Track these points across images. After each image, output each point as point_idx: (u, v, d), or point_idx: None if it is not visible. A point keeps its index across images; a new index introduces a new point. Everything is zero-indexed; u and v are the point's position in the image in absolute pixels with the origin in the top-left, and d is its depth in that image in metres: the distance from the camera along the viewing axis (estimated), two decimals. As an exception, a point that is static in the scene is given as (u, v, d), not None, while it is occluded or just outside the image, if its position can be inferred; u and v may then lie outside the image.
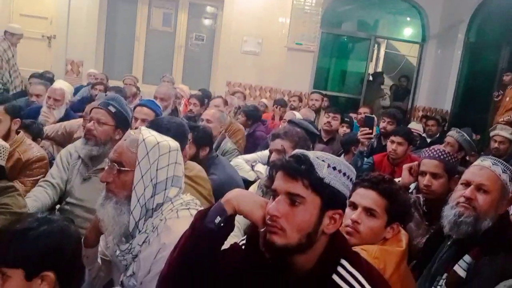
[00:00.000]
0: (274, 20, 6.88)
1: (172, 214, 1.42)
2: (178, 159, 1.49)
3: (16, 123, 2.39)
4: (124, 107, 2.31)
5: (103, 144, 2.17)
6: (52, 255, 1.16)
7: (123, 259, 1.42)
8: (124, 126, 2.26)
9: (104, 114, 2.21)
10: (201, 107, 4.45)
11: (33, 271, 1.14)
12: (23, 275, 1.14)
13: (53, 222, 1.21)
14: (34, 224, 1.18)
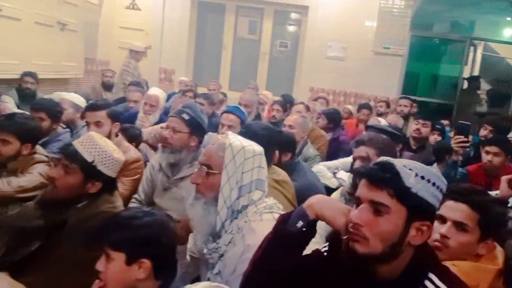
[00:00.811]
0: (359, 24, 6.74)
1: (256, 216, 1.47)
2: (262, 163, 1.54)
3: (116, 126, 2.60)
4: (198, 114, 2.36)
5: (178, 151, 2.25)
6: (151, 244, 1.26)
7: (210, 257, 1.49)
8: (198, 133, 2.33)
9: (178, 122, 2.28)
10: (283, 113, 4.50)
11: (133, 256, 1.25)
12: (124, 259, 1.25)
13: (155, 215, 1.32)
14: (139, 214, 1.30)
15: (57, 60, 5.14)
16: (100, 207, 1.72)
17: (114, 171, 1.78)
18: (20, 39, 4.35)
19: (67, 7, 5.18)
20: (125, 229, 1.26)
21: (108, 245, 1.26)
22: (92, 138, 1.76)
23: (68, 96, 3.57)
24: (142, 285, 1.27)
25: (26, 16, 4.42)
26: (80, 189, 1.70)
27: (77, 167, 1.68)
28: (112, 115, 2.56)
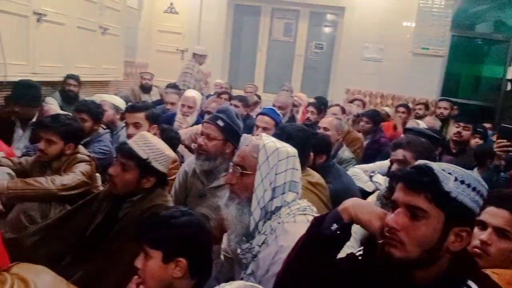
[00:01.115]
0: (397, 25, 6.60)
1: (289, 218, 1.47)
2: (296, 165, 1.54)
3: (154, 128, 2.67)
4: (233, 120, 2.31)
5: (213, 158, 2.22)
6: (188, 244, 1.29)
7: (244, 257, 1.51)
8: (233, 139, 2.27)
9: (213, 129, 2.23)
10: (318, 115, 4.47)
11: (170, 255, 1.28)
12: (162, 257, 1.28)
13: (193, 215, 1.35)
14: (177, 213, 1.33)
15: (99, 63, 5.32)
16: (154, 200, 1.83)
17: (166, 167, 1.88)
18: (64, 43, 4.54)
19: (108, 12, 5.36)
20: (163, 228, 1.29)
21: (147, 243, 1.29)
22: (146, 137, 1.87)
23: (109, 98, 3.70)
24: (178, 283, 1.30)
25: (70, 21, 4.60)
26: (136, 184, 1.81)
27: (133, 164, 1.79)
28: (151, 117, 2.62)
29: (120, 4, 5.65)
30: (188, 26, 7.23)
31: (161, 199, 1.85)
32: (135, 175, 1.80)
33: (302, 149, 1.64)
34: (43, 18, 4.10)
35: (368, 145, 4.25)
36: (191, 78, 5.80)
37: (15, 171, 2.31)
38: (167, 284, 1.30)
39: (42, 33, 4.14)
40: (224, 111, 2.33)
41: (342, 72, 6.96)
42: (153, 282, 1.29)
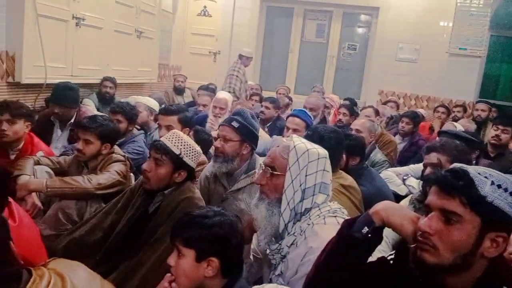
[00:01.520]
0: (433, 25, 6.43)
1: (319, 219, 1.46)
2: (326, 167, 1.53)
3: (185, 131, 2.70)
4: (248, 121, 2.29)
5: (231, 160, 2.21)
6: (220, 244, 1.30)
7: (273, 258, 1.51)
8: (250, 140, 2.26)
9: (229, 131, 2.23)
10: (350, 116, 4.42)
11: (203, 254, 1.29)
12: (194, 256, 1.30)
13: (225, 215, 1.36)
14: (210, 213, 1.35)
15: (134, 66, 5.46)
16: (185, 193, 1.91)
17: (196, 162, 1.97)
18: (102, 46, 4.69)
19: (144, 16, 5.50)
20: (196, 227, 1.31)
21: (180, 241, 1.32)
22: (177, 134, 1.96)
23: (143, 100, 3.79)
24: (210, 282, 1.32)
25: (107, 25, 4.75)
26: (169, 179, 1.91)
27: (167, 160, 1.88)
28: (183, 120, 2.66)
29: (155, 8, 5.78)
30: (221, 28, 7.31)
31: (190, 193, 1.92)
32: (169, 170, 1.89)
33: (333, 151, 1.63)
34: (82, 23, 4.25)
35: (406, 147, 4.17)
36: (236, 80, 5.79)
37: (53, 170, 2.40)
38: (199, 282, 1.32)
39: (80, 37, 4.30)
40: (239, 113, 2.34)
41: (375, 73, 6.85)
42: (185, 280, 1.31)
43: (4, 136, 2.49)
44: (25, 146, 2.58)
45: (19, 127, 2.53)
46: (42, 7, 3.73)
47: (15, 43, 3.63)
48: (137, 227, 1.91)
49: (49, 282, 1.03)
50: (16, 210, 1.62)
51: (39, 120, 3.38)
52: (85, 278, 1.16)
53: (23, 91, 3.84)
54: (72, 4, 4.11)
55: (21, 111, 2.54)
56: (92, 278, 1.20)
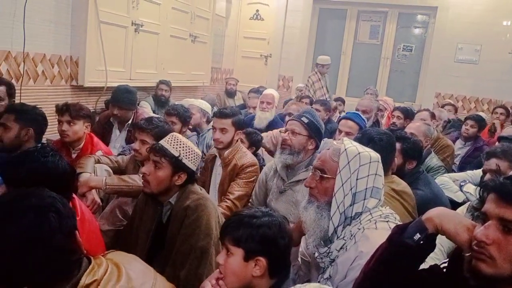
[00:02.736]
0: (495, 24, 6.10)
1: (370, 224, 1.43)
2: (379, 171, 1.50)
3: (238, 134, 2.73)
4: (316, 119, 2.43)
5: (297, 153, 2.31)
6: (268, 244, 1.32)
7: (321, 261, 1.50)
8: (317, 136, 2.38)
9: (298, 125, 2.37)
10: (405, 120, 4.29)
11: (251, 253, 1.32)
12: (242, 255, 1.33)
13: (274, 216, 1.38)
14: (259, 214, 1.37)
15: (188, 69, 5.63)
16: (189, 197, 1.91)
17: (195, 164, 1.97)
18: (158, 51, 4.88)
19: (198, 21, 5.66)
20: (245, 226, 1.34)
21: (229, 240, 1.35)
22: (176, 136, 1.97)
23: (196, 103, 3.89)
24: (257, 281, 1.34)
25: (164, 30, 4.94)
26: (169, 182, 1.90)
27: (166, 162, 1.88)
28: (237, 123, 2.69)
29: (209, 13, 5.93)
30: (273, 31, 7.35)
31: (195, 195, 1.92)
32: (168, 172, 1.88)
33: (384, 154, 1.59)
34: (140, 28, 4.45)
35: (469, 152, 3.99)
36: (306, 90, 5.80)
37: (112, 169, 2.53)
38: (246, 281, 1.34)
39: (139, 42, 4.50)
40: (308, 111, 2.47)
41: (432, 75, 6.60)
42: (233, 279, 1.34)
43: (65, 136, 2.65)
44: (85, 145, 2.73)
45: (79, 127, 2.67)
46: (104, 14, 3.94)
47: (78, 48, 3.87)
48: (157, 238, 1.96)
49: (106, 270, 1.10)
50: (79, 205, 1.72)
51: (99, 121, 3.58)
52: (140, 270, 1.21)
53: (85, 94, 4.08)
54: (131, 11, 4.31)
55: (80, 113, 2.68)
56: (147, 271, 1.26)
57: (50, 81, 3.74)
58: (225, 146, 2.68)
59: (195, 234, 1.82)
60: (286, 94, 7.26)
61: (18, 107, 2.35)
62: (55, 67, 3.77)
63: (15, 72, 3.38)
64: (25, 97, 3.28)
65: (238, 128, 2.71)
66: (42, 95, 3.62)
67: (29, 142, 2.40)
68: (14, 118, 2.30)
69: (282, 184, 2.36)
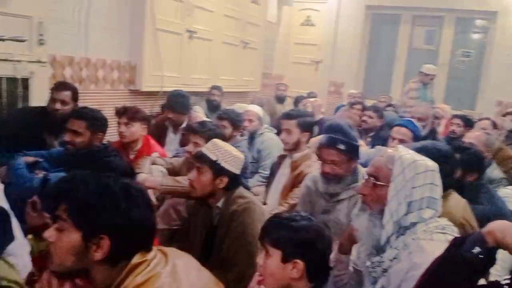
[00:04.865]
0: None
1: (426, 235, 1.38)
2: (436, 181, 1.45)
3: (305, 136, 2.70)
4: (350, 135, 2.16)
5: (344, 178, 2.13)
6: (305, 247, 1.34)
7: (373, 271, 1.47)
8: (355, 154, 2.16)
9: (337, 155, 2.11)
10: (465, 128, 4.10)
11: (288, 255, 1.34)
12: (280, 257, 1.35)
13: (312, 221, 1.41)
14: (298, 217, 1.41)
15: (240, 75, 5.72)
16: (237, 200, 1.96)
17: (237, 168, 2.01)
18: (211, 57, 5.00)
19: (250, 28, 5.74)
20: (283, 229, 1.37)
21: (268, 241, 1.38)
22: (215, 142, 2.05)
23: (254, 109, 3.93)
24: (295, 284, 1.36)
25: (216, 37, 5.06)
26: (212, 185, 1.97)
27: (206, 167, 1.96)
28: (302, 125, 2.67)
29: (260, 19, 6.00)
30: (324, 37, 7.31)
31: (242, 199, 1.96)
32: (209, 176, 1.96)
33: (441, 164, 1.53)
34: (194, 35, 4.58)
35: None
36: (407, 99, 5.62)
37: (167, 170, 2.62)
38: (285, 284, 1.36)
39: (192, 49, 4.63)
40: (338, 130, 2.16)
41: (493, 82, 6.27)
42: (272, 280, 1.37)
43: (123, 137, 2.78)
44: (142, 147, 2.84)
45: (136, 129, 2.79)
46: (161, 21, 4.10)
47: (136, 54, 4.05)
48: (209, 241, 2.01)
49: (155, 255, 1.16)
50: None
51: (155, 125, 3.71)
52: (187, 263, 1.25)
53: (142, 98, 4.25)
54: (186, 18, 4.45)
55: (137, 115, 2.80)
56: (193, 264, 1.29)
57: (110, 85, 3.94)
58: (291, 148, 2.68)
59: (242, 238, 1.86)
60: (337, 100, 7.18)
61: (89, 114, 2.45)
62: (115, 72, 3.96)
63: (78, 77, 3.59)
64: (87, 101, 3.47)
65: (304, 129, 2.68)
66: (102, 99, 3.82)
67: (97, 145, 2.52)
68: (86, 125, 2.41)
69: (325, 204, 2.22)
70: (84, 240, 1.07)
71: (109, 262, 1.10)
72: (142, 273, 1.10)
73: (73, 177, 1.13)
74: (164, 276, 1.12)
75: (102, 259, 1.08)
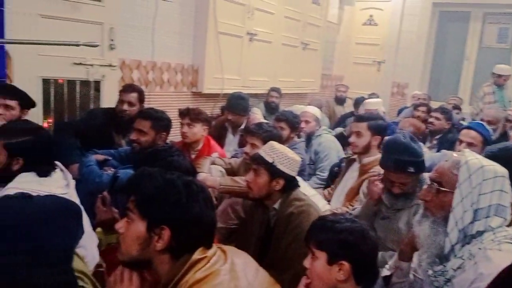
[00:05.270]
0: None
1: (493, 245, 1.30)
2: (505, 187, 1.36)
3: (376, 139, 2.62)
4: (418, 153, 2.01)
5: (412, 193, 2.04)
6: (350, 248, 1.34)
7: (435, 280, 1.40)
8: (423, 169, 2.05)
9: (406, 178, 2.01)
10: (541, 132, 3.80)
11: (334, 257, 1.34)
12: (326, 259, 1.36)
13: (356, 223, 1.42)
14: (342, 220, 1.42)
15: (298, 76, 5.71)
16: (293, 202, 1.96)
17: (293, 170, 2.00)
18: (270, 59, 5.04)
19: (310, 28, 5.71)
20: (328, 230, 1.38)
21: (314, 244, 1.39)
22: (271, 144, 2.06)
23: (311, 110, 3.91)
24: (343, 286, 1.35)
25: (276, 39, 5.09)
26: (268, 187, 1.98)
27: (263, 169, 1.97)
28: (373, 128, 2.60)
29: (321, 20, 5.95)
30: (387, 37, 7.09)
31: (299, 201, 1.97)
32: (266, 178, 1.98)
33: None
34: (254, 38, 4.64)
35: None
36: (478, 102, 5.43)
37: (225, 170, 2.68)
38: (332, 286, 1.35)
39: (252, 51, 4.70)
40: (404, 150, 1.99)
41: None
42: (319, 283, 1.37)
43: (185, 137, 2.88)
44: (203, 147, 2.93)
45: (197, 130, 2.88)
46: (222, 25, 4.20)
47: (199, 58, 4.19)
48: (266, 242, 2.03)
49: (215, 252, 1.20)
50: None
51: (215, 126, 3.81)
52: (245, 261, 1.27)
53: (203, 100, 4.39)
54: (247, 21, 4.52)
55: (199, 116, 2.88)
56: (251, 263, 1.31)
57: (173, 87, 4.10)
58: (361, 151, 2.62)
59: (298, 240, 1.85)
60: (400, 101, 6.94)
61: (154, 115, 2.57)
62: (178, 75, 4.12)
63: (144, 79, 3.78)
64: (152, 102, 3.64)
65: (375, 133, 2.61)
66: (166, 101, 3.99)
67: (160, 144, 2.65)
68: (151, 125, 2.53)
69: (385, 211, 2.15)
70: (148, 230, 1.15)
71: (170, 255, 1.16)
72: (202, 269, 1.14)
73: (141, 173, 1.22)
74: (223, 274, 1.15)
75: (163, 250, 1.14)
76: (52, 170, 1.71)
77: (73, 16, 3.03)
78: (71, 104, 3.19)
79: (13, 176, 1.62)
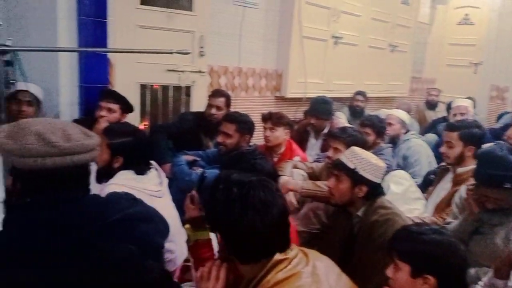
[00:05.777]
0: None
1: None
2: None
3: (470, 150, 2.44)
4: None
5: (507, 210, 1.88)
6: (436, 262, 1.27)
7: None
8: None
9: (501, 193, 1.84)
10: None
11: (418, 270, 1.28)
12: (409, 271, 1.30)
13: (444, 234, 1.34)
14: (428, 231, 1.34)
15: (386, 79, 5.51)
16: (378, 210, 1.90)
17: (377, 176, 1.93)
18: (355, 62, 4.93)
19: (399, 30, 5.49)
20: (412, 242, 1.32)
21: (396, 254, 1.34)
22: (353, 150, 1.99)
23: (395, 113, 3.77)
24: None
25: (362, 42, 4.97)
26: (350, 194, 1.94)
27: (344, 175, 1.94)
28: (465, 137, 2.45)
29: (411, 20, 5.70)
30: (485, 36, 6.57)
31: (384, 210, 1.90)
32: (348, 185, 1.93)
33: None
34: (339, 41, 4.59)
35: None
36: None
37: (307, 174, 2.68)
38: None
39: (337, 54, 4.64)
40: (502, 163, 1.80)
41: None
42: None
43: (267, 141, 2.94)
44: (285, 151, 2.96)
45: (279, 133, 2.92)
46: (307, 29, 4.21)
47: (283, 62, 4.24)
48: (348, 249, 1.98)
49: (296, 254, 1.22)
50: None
51: (297, 130, 3.83)
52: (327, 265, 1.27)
53: (286, 104, 4.43)
54: (332, 24, 4.49)
55: (281, 120, 2.93)
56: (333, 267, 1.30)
57: (258, 92, 4.20)
58: (453, 162, 2.49)
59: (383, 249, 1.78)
60: (500, 106, 6.38)
61: (238, 118, 2.68)
62: (263, 80, 4.21)
63: (231, 85, 3.92)
64: (238, 106, 3.76)
65: (468, 143, 2.44)
66: (251, 105, 4.10)
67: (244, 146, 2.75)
68: (236, 128, 2.65)
69: (482, 224, 1.97)
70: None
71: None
72: (283, 269, 1.16)
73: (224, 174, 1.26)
74: (305, 276, 1.16)
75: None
76: (148, 169, 1.85)
77: (168, 25, 3.24)
78: (165, 108, 3.42)
79: (114, 173, 1.78)
